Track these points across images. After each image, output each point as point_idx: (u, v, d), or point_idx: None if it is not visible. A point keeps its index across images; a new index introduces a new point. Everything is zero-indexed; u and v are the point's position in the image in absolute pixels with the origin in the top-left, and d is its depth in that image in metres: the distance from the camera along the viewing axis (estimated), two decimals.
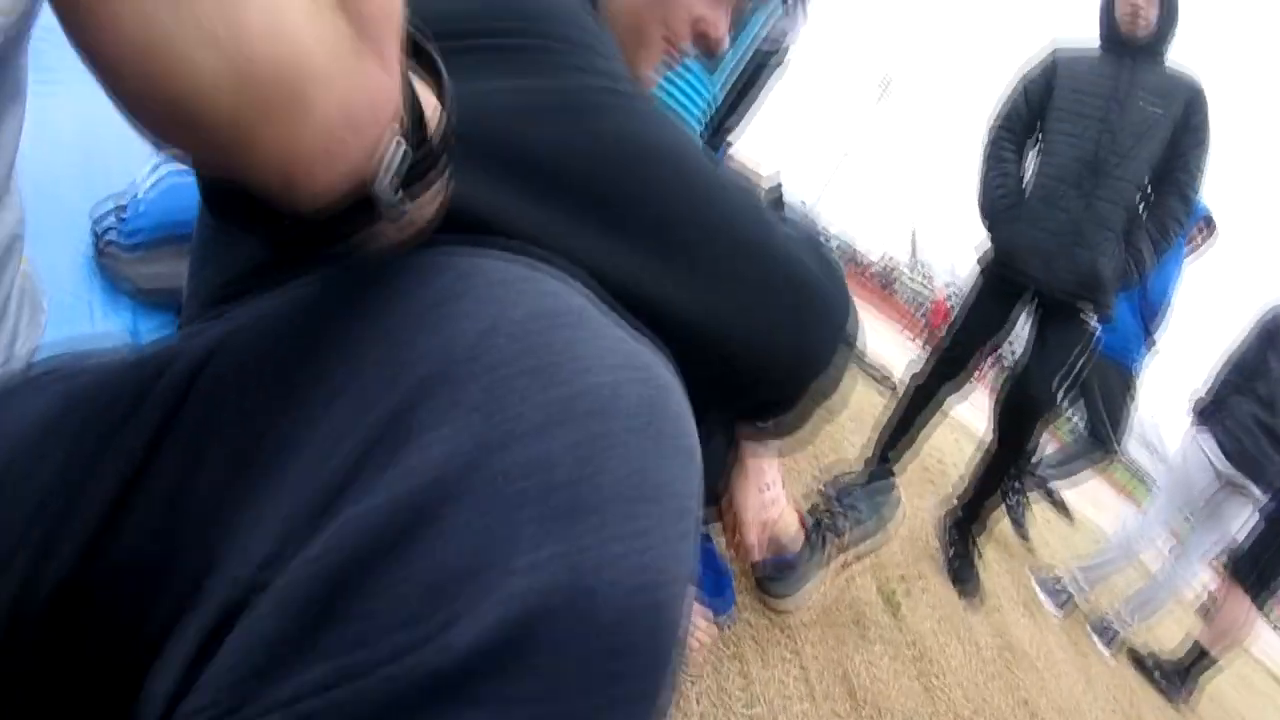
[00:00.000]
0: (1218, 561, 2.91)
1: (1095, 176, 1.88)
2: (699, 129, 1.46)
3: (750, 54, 1.43)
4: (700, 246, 0.42)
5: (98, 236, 1.04)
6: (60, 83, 1.64)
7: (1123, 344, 3.10)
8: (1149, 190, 1.90)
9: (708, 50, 0.65)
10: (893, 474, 2.14)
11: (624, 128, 0.42)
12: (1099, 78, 1.93)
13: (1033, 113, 2.03)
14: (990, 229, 2.05)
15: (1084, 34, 2.05)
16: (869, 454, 2.22)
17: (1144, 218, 1.90)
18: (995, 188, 2.03)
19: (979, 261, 2.10)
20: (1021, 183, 2.04)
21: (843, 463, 2.31)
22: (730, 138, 1.96)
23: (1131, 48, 1.89)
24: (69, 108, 1.08)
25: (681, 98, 1.34)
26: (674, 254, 0.41)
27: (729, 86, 1.47)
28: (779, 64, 1.95)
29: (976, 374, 2.18)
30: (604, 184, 0.40)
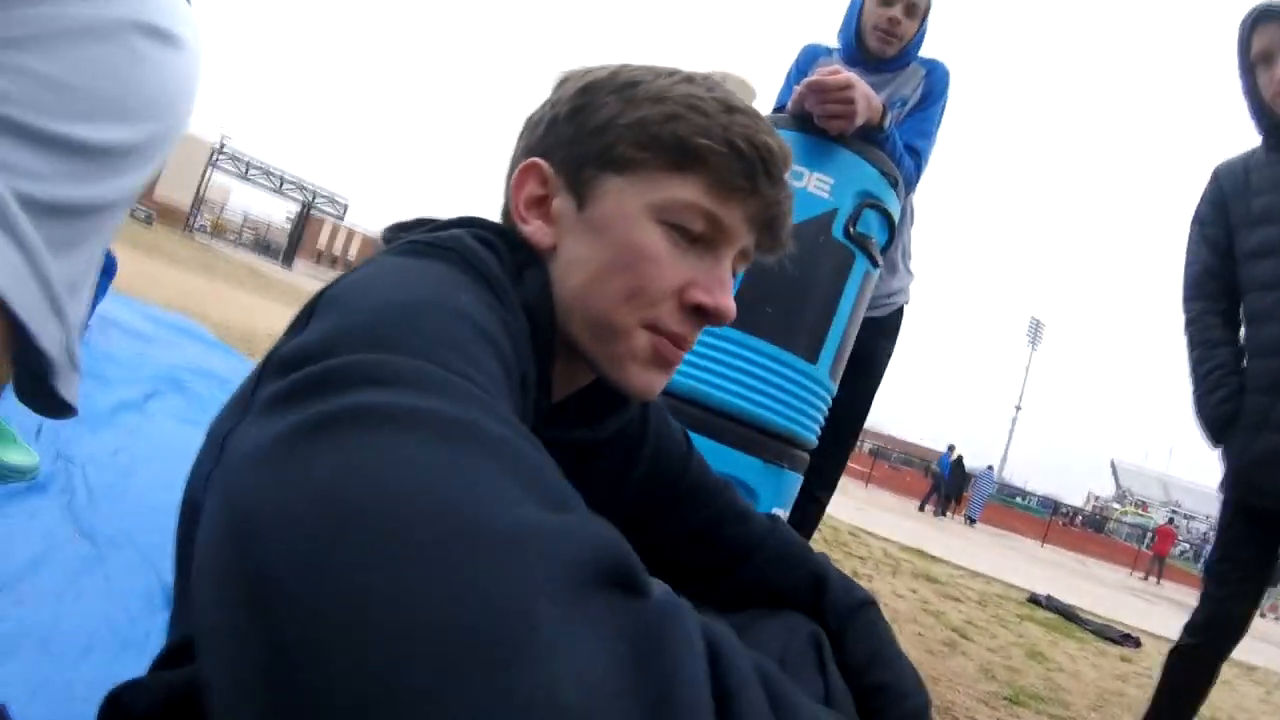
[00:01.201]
0: None
1: None
2: (819, 427, 1.24)
3: (854, 324, 1.22)
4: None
5: None
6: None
7: None
8: None
9: (711, 323, 0.51)
10: None
11: (343, 469, 0.25)
12: (1276, 189, 1.42)
13: (1225, 261, 1.51)
14: (1215, 444, 1.47)
15: None
16: None
17: None
18: (1208, 388, 1.48)
19: (1220, 488, 1.49)
20: (1242, 366, 1.48)
21: None
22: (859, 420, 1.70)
23: None
24: None
25: (792, 400, 1.13)
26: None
27: (841, 366, 1.24)
28: (893, 327, 1.75)
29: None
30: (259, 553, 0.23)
